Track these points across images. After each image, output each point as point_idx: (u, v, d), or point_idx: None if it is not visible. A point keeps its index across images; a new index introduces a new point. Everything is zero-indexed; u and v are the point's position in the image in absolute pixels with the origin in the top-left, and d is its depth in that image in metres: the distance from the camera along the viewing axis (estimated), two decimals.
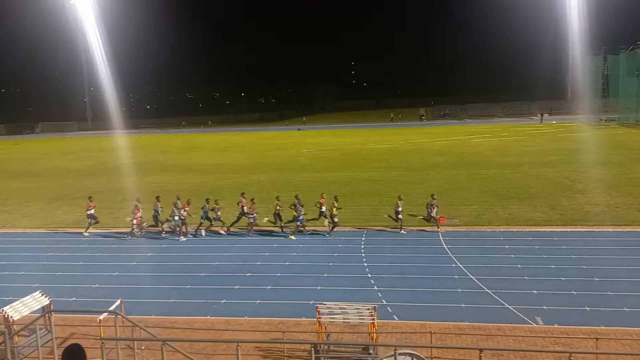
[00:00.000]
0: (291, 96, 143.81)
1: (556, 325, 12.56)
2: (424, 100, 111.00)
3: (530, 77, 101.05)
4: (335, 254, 18.97)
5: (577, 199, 25.91)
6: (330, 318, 11.08)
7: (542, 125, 74.73)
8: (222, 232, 22.52)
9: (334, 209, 21.43)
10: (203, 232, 22.31)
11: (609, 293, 14.39)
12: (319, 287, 15.75)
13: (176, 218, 21.84)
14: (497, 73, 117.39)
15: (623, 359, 9.80)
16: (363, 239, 20.71)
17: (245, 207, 22.50)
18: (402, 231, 21.36)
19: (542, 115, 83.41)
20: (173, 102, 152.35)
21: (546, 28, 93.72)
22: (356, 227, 22.33)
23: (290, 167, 42.31)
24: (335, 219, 21.35)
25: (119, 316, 10.83)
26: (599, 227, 20.87)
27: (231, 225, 22.49)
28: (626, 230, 20.47)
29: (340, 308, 11.16)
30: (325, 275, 16.84)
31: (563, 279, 15.59)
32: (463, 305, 14.11)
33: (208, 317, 13.99)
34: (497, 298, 14.41)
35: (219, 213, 22.34)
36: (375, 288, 15.57)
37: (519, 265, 16.90)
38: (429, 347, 10.73)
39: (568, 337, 11.67)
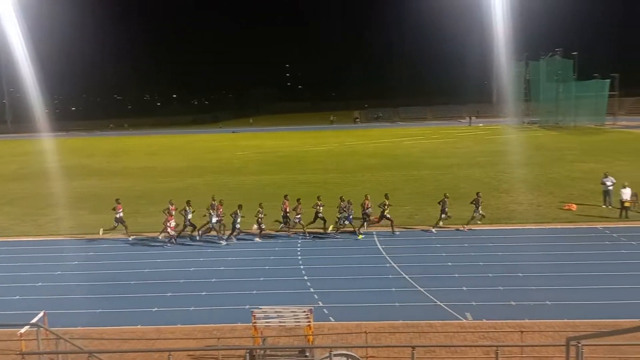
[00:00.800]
0: (225, 98, 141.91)
1: (484, 320, 13.06)
2: (358, 103, 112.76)
3: (459, 82, 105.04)
4: (272, 258, 18.85)
5: (503, 199, 27.10)
6: (266, 322, 10.98)
7: (470, 128, 77.75)
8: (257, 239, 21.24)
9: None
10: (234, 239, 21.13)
11: (532, 288, 15.12)
12: (255, 292, 15.59)
13: (214, 220, 20.76)
14: (428, 77, 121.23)
15: (546, 350, 10.31)
16: (299, 241, 20.70)
17: (287, 209, 21.69)
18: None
19: (470, 118, 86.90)
20: (100, 104, 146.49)
21: (474, 34, 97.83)
22: (293, 230, 22.26)
23: (225, 170, 41.72)
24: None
25: (41, 329, 10.22)
26: (522, 225, 21.91)
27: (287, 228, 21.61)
28: (547, 227, 21.62)
29: (276, 312, 11.08)
30: (262, 279, 16.69)
31: (490, 275, 16.24)
32: (397, 304, 14.39)
33: (139, 326, 13.50)
34: (429, 296, 14.81)
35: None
36: (312, 290, 15.60)
37: (449, 264, 17.45)
38: (363, 347, 10.85)
39: (495, 331, 12.15)
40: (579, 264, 17.03)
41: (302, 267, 17.69)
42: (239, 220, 20.61)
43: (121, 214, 21.89)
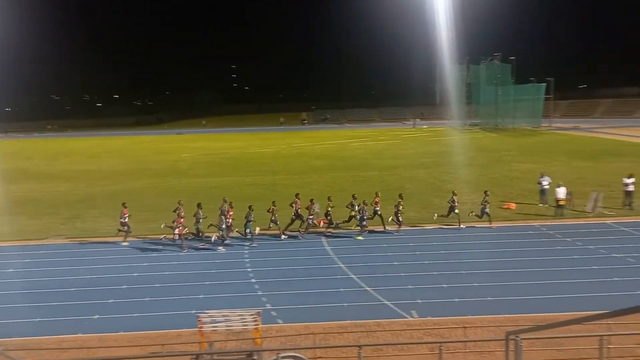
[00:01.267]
0: (170, 99, 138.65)
1: (429, 317, 13.36)
2: (306, 104, 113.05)
3: (404, 84, 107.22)
4: (218, 261, 18.59)
5: (446, 199, 27.70)
6: (213, 327, 10.80)
7: (415, 129, 79.52)
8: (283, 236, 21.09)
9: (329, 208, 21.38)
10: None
11: (474, 284, 15.60)
12: (201, 296, 15.32)
13: (223, 227, 20.00)
14: (375, 80, 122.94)
15: (487, 345, 10.65)
16: (247, 244, 20.51)
17: (299, 209, 21.40)
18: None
19: (414, 120, 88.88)
20: (38, 105, 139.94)
21: (419, 38, 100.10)
22: (239, 232, 22.01)
23: (171, 172, 40.83)
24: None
25: None
26: (464, 223, 22.50)
27: (285, 228, 21.32)
28: (489, 225, 22.32)
29: (223, 316, 10.93)
30: (208, 283, 16.42)
31: (435, 273, 16.63)
32: (345, 304, 14.50)
33: (79, 334, 12.99)
34: (376, 295, 15.01)
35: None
36: (260, 293, 15.49)
37: (395, 263, 17.75)
38: (311, 348, 10.88)
39: (440, 328, 12.46)
40: (518, 260, 17.70)
41: (249, 270, 17.54)
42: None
43: (127, 219, 20.98)
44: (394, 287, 15.54)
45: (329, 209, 21.64)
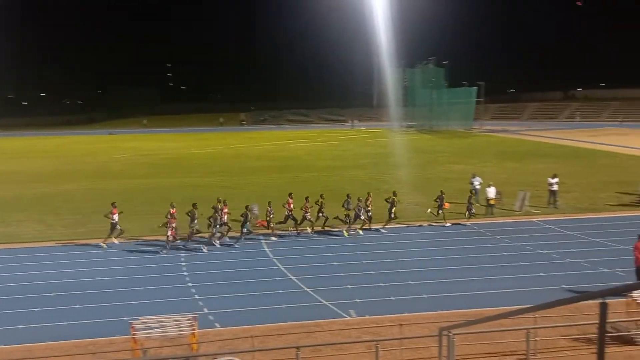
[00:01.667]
0: (102, 98, 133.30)
1: (367, 316, 13.57)
2: (245, 105, 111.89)
3: (343, 86, 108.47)
4: (153, 265, 18.07)
5: (385, 198, 28.31)
6: (147, 333, 10.49)
7: (353, 131, 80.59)
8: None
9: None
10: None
11: (410, 282, 15.99)
12: (135, 302, 14.83)
13: (218, 226, 19.85)
14: (314, 81, 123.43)
15: (422, 341, 10.93)
16: (183, 247, 20.07)
17: (292, 207, 21.34)
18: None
19: (352, 121, 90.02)
20: None
21: (357, 41, 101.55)
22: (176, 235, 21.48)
23: (103, 174, 39.35)
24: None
25: None
26: (402, 224, 23.04)
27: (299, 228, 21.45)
28: (425, 225, 22.96)
29: (158, 321, 10.64)
30: (142, 288, 15.93)
31: (373, 272, 16.91)
32: (284, 305, 14.47)
33: (3, 346, 12.26)
34: (315, 296, 15.07)
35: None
36: (197, 297, 15.19)
37: (335, 263, 17.91)
38: (249, 351, 10.78)
39: (377, 326, 12.68)
40: (452, 258, 18.28)
41: (186, 273, 17.17)
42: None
43: (117, 219, 20.12)
44: (333, 287, 15.66)
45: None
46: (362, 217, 21.52)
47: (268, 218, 21.17)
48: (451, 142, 61.44)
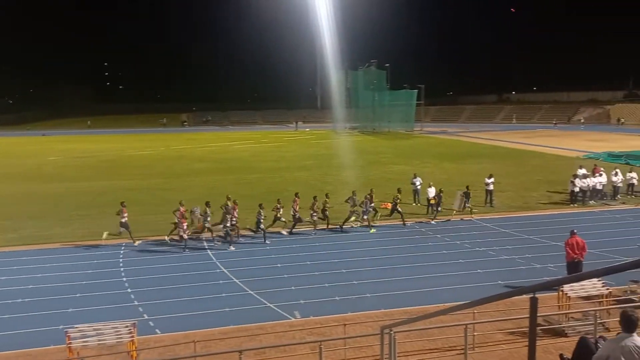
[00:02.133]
0: (34, 97, 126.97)
1: (312, 317, 13.59)
2: (186, 105, 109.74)
3: (287, 87, 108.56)
4: (90, 271, 17.38)
5: (329, 199, 28.47)
6: (83, 342, 10.08)
7: (297, 132, 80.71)
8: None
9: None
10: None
11: (354, 282, 16.15)
12: (70, 310, 14.21)
13: (228, 224, 19.98)
14: (258, 82, 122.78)
15: (366, 340, 11.06)
16: (122, 251, 19.46)
17: (297, 207, 21.61)
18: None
19: (297, 123, 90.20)
20: None
21: (301, 43, 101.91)
22: (114, 239, 20.82)
23: (34, 176, 37.54)
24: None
25: None
26: (346, 224, 23.22)
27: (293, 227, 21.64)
28: (366, 224, 23.21)
29: (95, 329, 10.24)
30: (78, 295, 15.28)
31: (317, 273, 16.96)
32: (228, 309, 14.27)
33: None
34: (259, 298, 14.95)
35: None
36: (136, 303, 14.73)
37: (279, 265, 17.84)
38: (190, 357, 10.56)
39: (321, 327, 12.72)
40: (394, 257, 18.59)
41: (124, 279, 16.63)
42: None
43: (126, 219, 20.30)
44: (277, 289, 15.60)
45: (327, 206, 22.32)
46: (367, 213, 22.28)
47: (278, 214, 21.45)
48: (393, 143, 62.63)
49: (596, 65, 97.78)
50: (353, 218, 22.75)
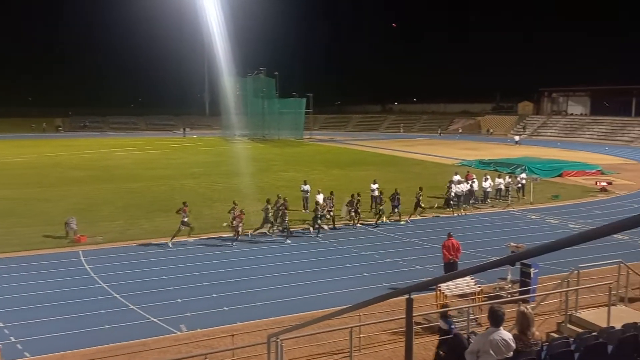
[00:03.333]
0: None
1: (199, 330, 13.19)
2: (60, 110, 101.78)
3: (174, 93, 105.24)
4: None
5: (217, 208, 27.95)
6: None
7: (185, 139, 78.47)
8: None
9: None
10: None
11: (244, 291, 15.93)
12: None
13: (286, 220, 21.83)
14: (141, 86, 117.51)
15: (255, 350, 10.91)
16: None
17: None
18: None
19: (184, 129, 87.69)
20: None
21: (190, 49, 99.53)
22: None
23: None
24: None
25: None
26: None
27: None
28: (255, 233, 23.06)
29: None
30: None
31: (204, 284, 16.51)
32: (107, 326, 13.43)
33: None
34: (142, 313, 14.24)
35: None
36: (1, 325, 13.37)
37: (164, 277, 17.13)
38: None
39: (209, 339, 12.37)
40: (284, 264, 18.59)
41: None
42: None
43: (187, 218, 21.11)
44: (162, 302, 14.95)
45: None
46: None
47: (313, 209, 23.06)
48: (283, 150, 63.06)
49: (469, 80, 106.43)
50: (268, 226, 22.48)
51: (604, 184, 33.75)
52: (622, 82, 78.16)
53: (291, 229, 22.38)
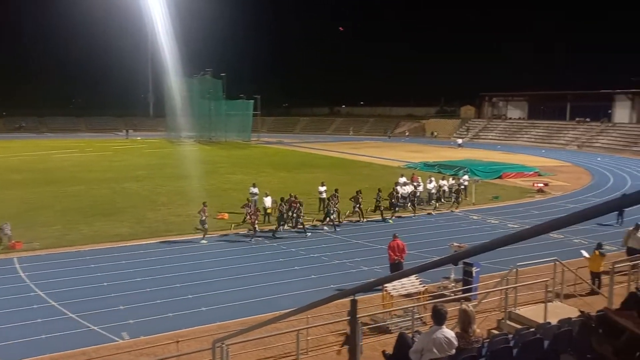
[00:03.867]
0: None
1: (142, 337, 12.81)
2: None
3: (117, 93, 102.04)
4: None
5: (162, 211, 27.33)
6: None
7: (128, 141, 76.30)
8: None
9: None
10: None
11: (189, 296, 15.61)
12: None
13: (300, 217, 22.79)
14: (81, 86, 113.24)
15: (200, 356, 10.70)
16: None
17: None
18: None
19: (127, 131, 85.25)
20: None
21: (134, 49, 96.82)
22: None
23: None
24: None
25: None
26: (180, 236, 22.46)
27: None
28: (197, 237, 22.68)
29: None
30: None
31: (148, 290, 16.06)
32: (44, 336, 12.84)
33: None
34: (82, 321, 13.69)
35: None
36: None
37: (105, 283, 16.55)
38: None
39: (153, 346, 12.02)
40: (230, 268, 18.39)
41: None
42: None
43: (205, 217, 21.42)
44: (103, 309, 14.43)
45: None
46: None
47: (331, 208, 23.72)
48: (230, 152, 62.36)
49: (414, 84, 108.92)
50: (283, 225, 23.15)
51: (541, 185, 35.31)
52: (558, 87, 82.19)
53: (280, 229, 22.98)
